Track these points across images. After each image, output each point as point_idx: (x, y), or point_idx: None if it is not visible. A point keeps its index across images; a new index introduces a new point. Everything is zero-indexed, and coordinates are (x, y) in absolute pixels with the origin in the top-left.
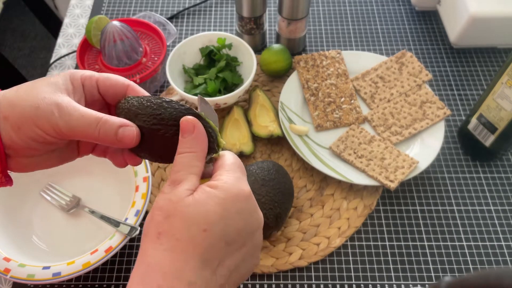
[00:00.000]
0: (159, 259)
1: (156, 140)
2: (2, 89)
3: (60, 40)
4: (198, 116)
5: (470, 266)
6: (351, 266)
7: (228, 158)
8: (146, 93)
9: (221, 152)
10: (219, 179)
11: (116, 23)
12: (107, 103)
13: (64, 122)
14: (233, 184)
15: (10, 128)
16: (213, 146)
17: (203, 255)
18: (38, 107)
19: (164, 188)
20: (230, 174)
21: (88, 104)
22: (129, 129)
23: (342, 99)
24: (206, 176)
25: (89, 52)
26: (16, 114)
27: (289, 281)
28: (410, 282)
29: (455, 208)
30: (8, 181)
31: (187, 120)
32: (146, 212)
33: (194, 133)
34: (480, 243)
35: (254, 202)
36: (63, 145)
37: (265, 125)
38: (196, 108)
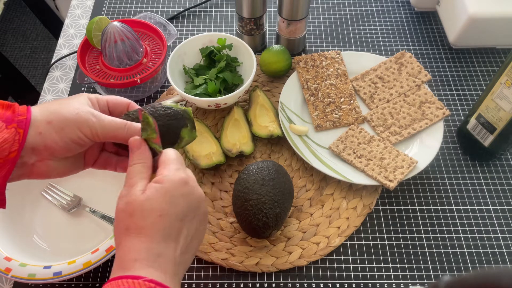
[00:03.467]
0: (132, 244)
1: (165, 131)
2: (3, 89)
3: (61, 40)
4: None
5: (469, 266)
6: (351, 265)
7: (167, 153)
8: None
9: (163, 150)
10: (161, 174)
11: (116, 23)
12: None
13: (100, 126)
14: (174, 174)
15: (53, 130)
16: (155, 152)
17: (163, 233)
18: (78, 114)
19: (122, 192)
20: (170, 167)
21: None
22: None
23: (342, 100)
24: (155, 169)
25: (90, 53)
26: (60, 119)
27: (289, 280)
28: (409, 281)
29: (454, 207)
30: (1, 204)
31: (136, 139)
32: None
33: (141, 149)
34: (478, 243)
35: (193, 182)
36: (79, 154)
37: (265, 125)
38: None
